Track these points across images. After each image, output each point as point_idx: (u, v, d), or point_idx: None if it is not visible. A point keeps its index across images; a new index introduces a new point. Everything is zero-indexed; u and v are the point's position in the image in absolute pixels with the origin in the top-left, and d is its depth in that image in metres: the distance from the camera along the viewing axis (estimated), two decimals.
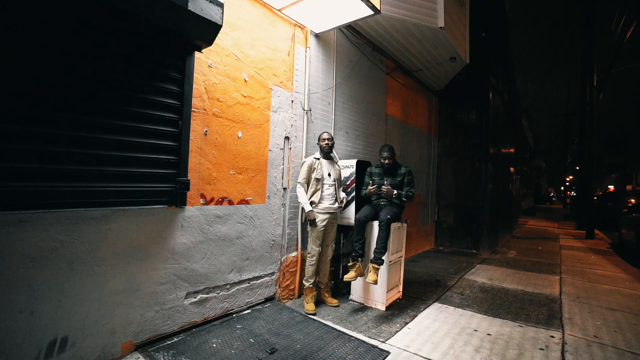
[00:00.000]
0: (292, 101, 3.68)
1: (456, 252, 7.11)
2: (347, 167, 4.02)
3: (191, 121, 2.67)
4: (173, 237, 2.59)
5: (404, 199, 3.58)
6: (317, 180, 3.38)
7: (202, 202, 2.80)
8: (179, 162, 2.53)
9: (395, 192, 3.55)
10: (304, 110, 3.80)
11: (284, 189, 3.61)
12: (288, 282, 3.66)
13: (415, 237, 6.74)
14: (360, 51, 4.82)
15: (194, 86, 2.70)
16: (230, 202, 3.04)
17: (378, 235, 3.41)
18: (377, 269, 3.32)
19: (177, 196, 2.53)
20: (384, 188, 3.57)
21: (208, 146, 2.84)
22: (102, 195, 2.15)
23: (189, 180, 2.58)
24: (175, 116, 2.51)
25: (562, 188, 38.51)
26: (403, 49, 5.40)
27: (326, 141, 3.46)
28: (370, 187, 3.60)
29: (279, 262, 3.59)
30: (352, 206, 3.95)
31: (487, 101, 7.29)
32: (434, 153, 7.69)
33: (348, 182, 4.01)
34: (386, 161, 3.66)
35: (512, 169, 11.26)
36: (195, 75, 2.70)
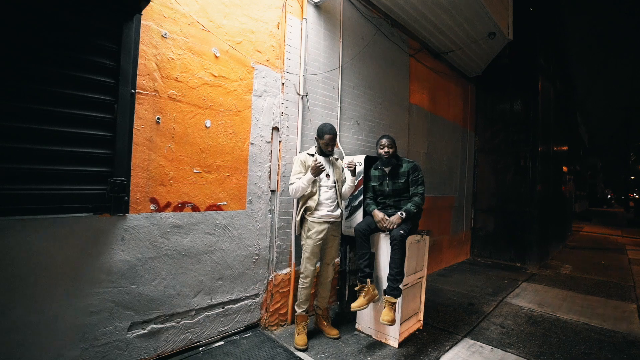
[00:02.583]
0: (283, 84, 3.00)
1: (496, 265, 6.05)
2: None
3: (135, 105, 2.09)
4: (109, 253, 2.02)
5: (414, 210, 2.76)
6: (313, 181, 2.68)
7: (153, 208, 2.21)
8: (113, 158, 1.95)
9: (399, 216, 2.72)
10: (299, 95, 3.11)
11: (272, 191, 2.95)
12: (278, 305, 3.00)
13: (447, 246, 5.80)
14: (376, 27, 4.04)
15: (140, 61, 2.12)
16: (195, 208, 2.43)
17: (391, 258, 2.63)
18: (394, 304, 2.55)
19: (110, 201, 1.96)
20: (387, 223, 2.73)
21: (161, 137, 2.24)
22: None
23: (125, 181, 1.99)
24: (108, 98, 1.93)
25: (627, 189, 34.30)
26: (429, 24, 4.53)
27: (330, 147, 2.79)
28: (377, 217, 2.79)
29: (266, 281, 2.94)
30: (360, 213, 3.20)
31: (535, 88, 6.14)
32: (469, 150, 6.66)
33: (355, 183, 3.25)
34: (385, 149, 2.86)
35: (565, 168, 9.78)
36: (142, 47, 2.12)
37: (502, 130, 6.60)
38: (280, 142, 2.98)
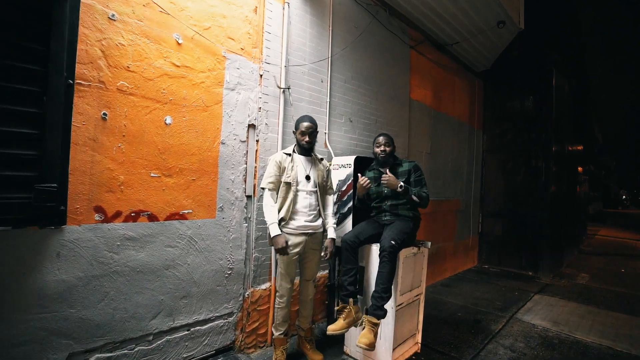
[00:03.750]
0: (261, 75, 2.67)
1: (506, 274, 5.62)
2: (343, 167, 2.92)
3: (75, 98, 1.78)
4: (40, 273, 1.71)
5: (415, 198, 2.43)
6: (288, 185, 2.33)
7: (98, 218, 1.89)
8: (40, 160, 1.64)
9: (400, 183, 2.41)
10: (280, 88, 2.77)
11: (248, 197, 2.62)
12: (256, 324, 2.66)
13: (452, 253, 5.39)
14: (371, 14, 3.68)
15: (81, 47, 1.80)
16: (153, 218, 2.11)
17: (378, 272, 2.28)
18: (376, 325, 2.19)
19: (38, 212, 1.64)
20: (384, 178, 2.44)
21: (109, 136, 1.92)
22: None
23: (55, 187, 1.68)
24: (33, 88, 1.63)
25: None
26: (432, 12, 4.15)
27: (307, 137, 2.38)
28: (360, 180, 2.47)
29: (241, 298, 2.60)
30: (350, 220, 2.85)
31: (549, 84, 5.69)
32: (477, 149, 6.24)
33: (344, 188, 2.91)
34: (381, 148, 2.56)
35: (580, 168, 9.24)
36: (83, 30, 1.81)
37: (512, 129, 6.16)
38: (257, 141, 2.64)
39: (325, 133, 3.15)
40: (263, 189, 2.35)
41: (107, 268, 1.93)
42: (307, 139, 2.37)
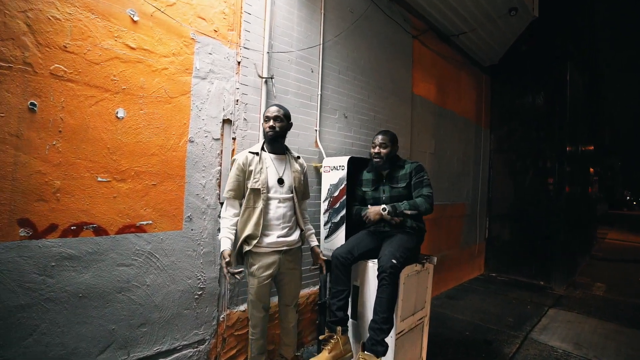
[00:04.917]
0: (239, 63, 2.29)
1: (515, 284, 5.22)
2: (335, 169, 2.54)
3: None
4: None
5: (409, 212, 2.05)
6: (256, 192, 1.91)
7: (24, 234, 1.52)
8: None
9: (383, 206, 2.06)
10: (262, 78, 2.40)
11: (222, 204, 2.24)
12: (233, 352, 2.29)
13: (457, 261, 5.00)
14: None
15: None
16: (100, 231, 1.74)
17: (377, 297, 1.90)
18: None
19: None
20: (364, 215, 2.18)
21: (39, 132, 1.55)
22: None
23: None
24: None
25: None
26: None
27: (271, 122, 1.94)
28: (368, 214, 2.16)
29: (215, 322, 2.23)
30: (343, 231, 2.47)
31: (562, 79, 5.28)
32: (484, 149, 5.84)
33: (336, 194, 2.53)
34: (375, 150, 2.22)
35: (591, 169, 8.81)
36: None
37: (521, 127, 5.77)
38: (234, 139, 2.26)
39: (316, 130, 2.78)
40: (225, 197, 1.96)
41: (36, 295, 1.56)
42: (270, 123, 1.92)
